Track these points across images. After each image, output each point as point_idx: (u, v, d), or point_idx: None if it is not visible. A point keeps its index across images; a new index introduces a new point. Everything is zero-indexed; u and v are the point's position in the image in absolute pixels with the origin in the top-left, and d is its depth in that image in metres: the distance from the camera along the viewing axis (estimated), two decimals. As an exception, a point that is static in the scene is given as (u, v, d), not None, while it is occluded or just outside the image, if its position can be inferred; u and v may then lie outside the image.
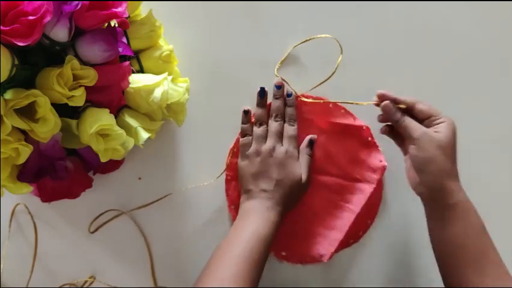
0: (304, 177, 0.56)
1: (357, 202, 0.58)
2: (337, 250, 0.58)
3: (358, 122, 0.59)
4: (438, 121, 0.49)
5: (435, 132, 0.48)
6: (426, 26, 0.61)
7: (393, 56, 0.61)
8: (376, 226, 0.60)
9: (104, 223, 0.61)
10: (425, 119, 0.50)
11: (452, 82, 0.61)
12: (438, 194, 0.47)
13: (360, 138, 0.59)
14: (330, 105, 0.59)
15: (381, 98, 0.52)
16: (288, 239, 0.59)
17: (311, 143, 0.58)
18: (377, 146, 0.59)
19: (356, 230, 0.59)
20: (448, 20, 0.61)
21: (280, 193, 0.54)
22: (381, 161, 0.58)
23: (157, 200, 0.60)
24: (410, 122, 0.50)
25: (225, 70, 0.61)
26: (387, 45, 0.61)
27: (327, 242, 0.58)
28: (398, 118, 0.51)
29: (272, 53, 0.61)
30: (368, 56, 0.61)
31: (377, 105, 0.52)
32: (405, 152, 0.52)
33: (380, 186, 0.59)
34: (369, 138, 0.59)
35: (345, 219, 0.58)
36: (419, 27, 0.61)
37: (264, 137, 0.57)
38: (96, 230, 0.61)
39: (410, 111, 0.51)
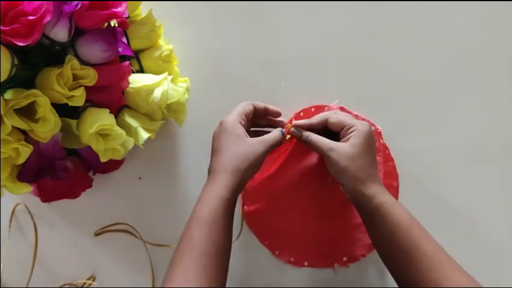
0: (255, 138, 0.51)
1: None
2: None
3: (331, 108, 0.59)
4: (350, 130, 0.51)
5: (345, 143, 0.50)
6: (425, 26, 0.61)
7: (394, 56, 0.61)
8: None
9: (109, 231, 0.61)
10: (340, 131, 0.52)
11: (450, 82, 0.61)
12: (359, 200, 0.49)
13: None
14: (301, 114, 0.59)
15: (295, 126, 0.55)
16: (344, 245, 0.59)
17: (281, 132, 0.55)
18: (361, 116, 0.59)
19: None
20: (446, 21, 0.61)
21: (219, 160, 0.49)
22: (373, 127, 0.59)
23: (163, 245, 0.60)
24: (317, 140, 0.52)
25: (225, 70, 0.61)
26: (387, 46, 0.61)
27: None
28: (305, 137, 0.53)
29: (272, 53, 0.61)
30: (368, 56, 0.61)
31: (288, 132, 0.55)
32: None
33: (385, 147, 0.59)
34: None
35: None
36: (418, 28, 0.61)
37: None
38: (100, 233, 0.61)
39: (326, 127, 0.53)
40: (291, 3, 0.61)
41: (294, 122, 0.55)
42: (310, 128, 0.54)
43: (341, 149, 0.50)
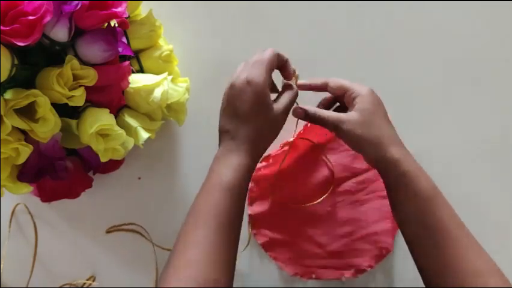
0: (280, 106, 0.47)
1: (382, 185, 0.58)
2: (393, 235, 0.59)
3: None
4: (353, 96, 0.48)
5: (353, 112, 0.47)
6: (426, 26, 0.61)
7: (395, 56, 0.61)
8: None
9: (119, 230, 0.61)
10: (343, 96, 0.49)
11: (451, 82, 0.61)
12: (383, 167, 0.46)
13: None
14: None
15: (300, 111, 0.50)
16: (351, 257, 0.59)
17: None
18: None
19: None
20: (447, 20, 0.61)
21: (246, 129, 0.45)
22: None
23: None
24: (325, 115, 0.48)
25: (225, 70, 0.60)
26: (388, 45, 0.61)
27: (383, 235, 0.58)
28: (313, 114, 0.48)
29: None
30: (368, 56, 0.61)
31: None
32: None
33: None
34: None
35: (383, 206, 0.59)
36: (419, 27, 0.61)
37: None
38: (112, 231, 0.61)
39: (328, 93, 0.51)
40: (291, 3, 0.61)
41: (299, 82, 0.51)
42: (311, 89, 0.51)
43: (351, 119, 0.47)
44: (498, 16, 0.60)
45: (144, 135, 0.52)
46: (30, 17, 0.41)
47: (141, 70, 0.55)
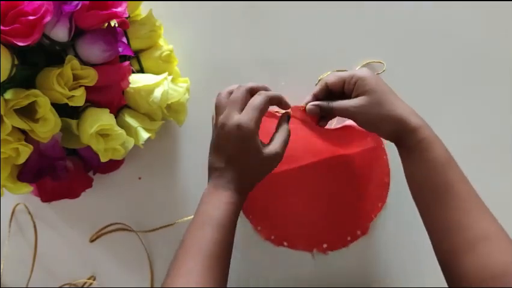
0: (273, 149, 0.48)
1: (373, 166, 0.58)
2: (371, 218, 0.59)
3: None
4: (353, 81, 0.49)
5: (360, 97, 0.49)
6: (425, 25, 0.61)
7: (394, 56, 0.61)
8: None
9: (105, 233, 0.61)
10: (343, 88, 0.50)
11: (450, 81, 0.61)
12: (401, 138, 0.48)
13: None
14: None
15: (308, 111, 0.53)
16: (327, 231, 0.59)
17: (288, 118, 0.52)
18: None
19: (376, 197, 0.59)
20: (446, 20, 0.61)
21: (233, 170, 0.47)
22: None
23: (165, 226, 0.60)
24: (338, 104, 0.50)
25: (225, 70, 0.61)
26: (388, 45, 0.61)
27: (361, 216, 0.59)
28: (326, 106, 0.51)
29: (272, 53, 0.61)
30: (368, 56, 0.61)
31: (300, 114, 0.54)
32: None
33: (381, 141, 0.59)
34: None
35: (368, 186, 0.59)
36: (417, 27, 0.61)
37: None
38: (96, 239, 0.61)
39: (330, 92, 0.52)
40: (291, 2, 0.61)
41: (308, 103, 0.53)
42: (317, 99, 0.53)
43: (361, 102, 0.48)
44: (499, 16, 0.61)
45: (144, 135, 0.52)
46: (31, 17, 0.41)
47: (141, 70, 0.55)
